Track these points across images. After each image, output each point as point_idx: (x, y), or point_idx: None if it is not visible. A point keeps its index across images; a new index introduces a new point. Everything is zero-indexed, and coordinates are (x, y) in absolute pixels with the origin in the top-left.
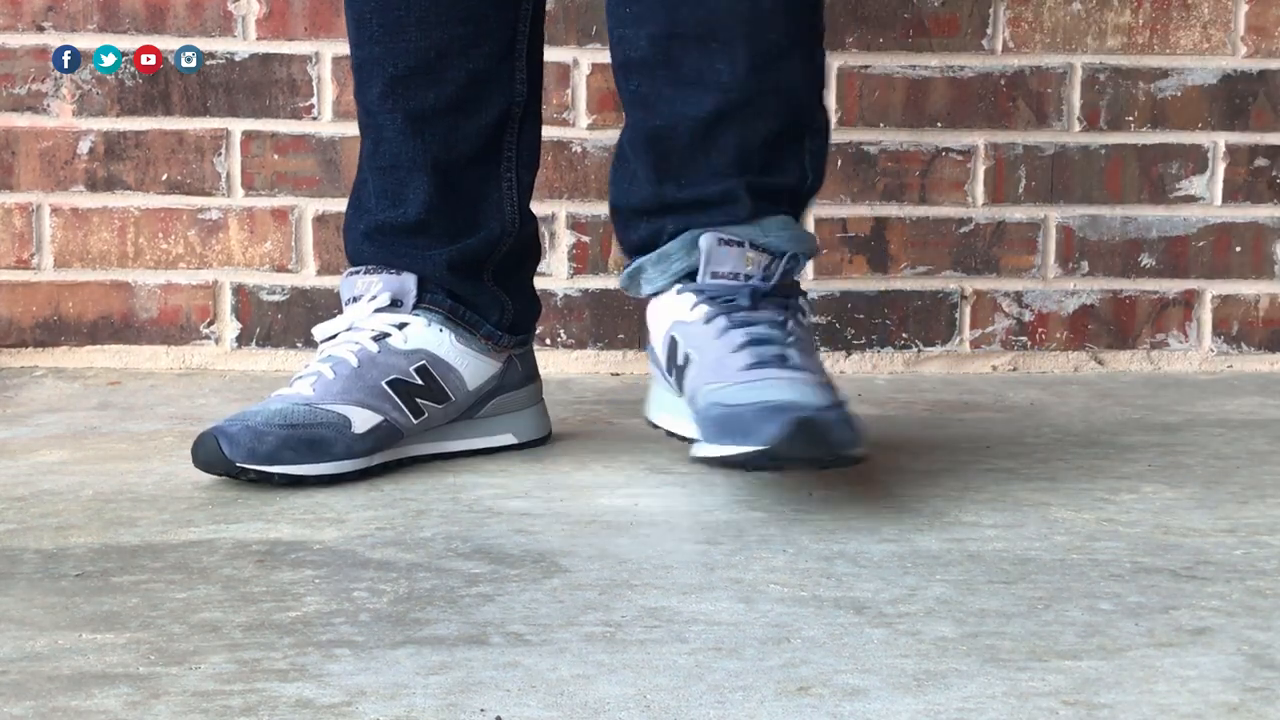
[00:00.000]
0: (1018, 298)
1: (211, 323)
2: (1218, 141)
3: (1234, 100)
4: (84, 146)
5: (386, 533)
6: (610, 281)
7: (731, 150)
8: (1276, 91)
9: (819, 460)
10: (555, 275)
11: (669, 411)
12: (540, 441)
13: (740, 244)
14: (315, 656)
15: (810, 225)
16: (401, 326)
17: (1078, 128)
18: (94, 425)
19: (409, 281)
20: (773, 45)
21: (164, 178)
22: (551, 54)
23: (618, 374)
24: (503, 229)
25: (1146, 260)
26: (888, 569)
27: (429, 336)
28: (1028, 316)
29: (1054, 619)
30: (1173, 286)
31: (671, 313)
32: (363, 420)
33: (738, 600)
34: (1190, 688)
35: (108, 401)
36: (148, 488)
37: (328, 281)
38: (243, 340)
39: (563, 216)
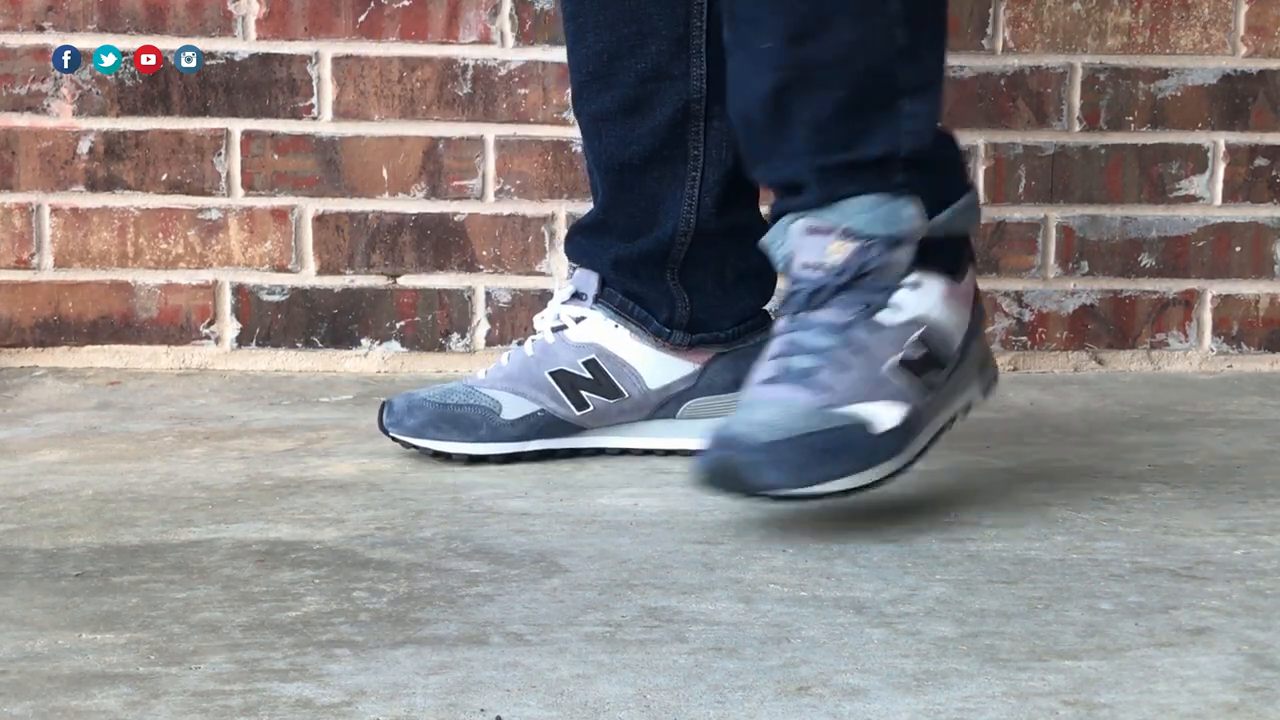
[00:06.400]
0: (1018, 297)
1: (211, 323)
2: (1218, 141)
3: (1234, 100)
4: (84, 146)
5: (386, 533)
6: None
7: (800, 128)
8: (1276, 91)
9: (741, 495)
10: (556, 275)
11: None
12: None
13: (827, 231)
14: (315, 656)
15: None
16: (580, 320)
17: (1078, 128)
18: (94, 425)
19: (591, 277)
20: (807, 14)
21: (164, 178)
22: (551, 54)
23: None
24: (675, 229)
25: (1146, 260)
26: (888, 569)
27: (604, 331)
28: (1028, 316)
29: (1054, 619)
30: (1173, 286)
31: None
32: (514, 407)
33: (738, 600)
34: (1190, 688)
35: (108, 401)
36: (148, 488)
37: (328, 281)
38: (243, 340)
39: (563, 216)
